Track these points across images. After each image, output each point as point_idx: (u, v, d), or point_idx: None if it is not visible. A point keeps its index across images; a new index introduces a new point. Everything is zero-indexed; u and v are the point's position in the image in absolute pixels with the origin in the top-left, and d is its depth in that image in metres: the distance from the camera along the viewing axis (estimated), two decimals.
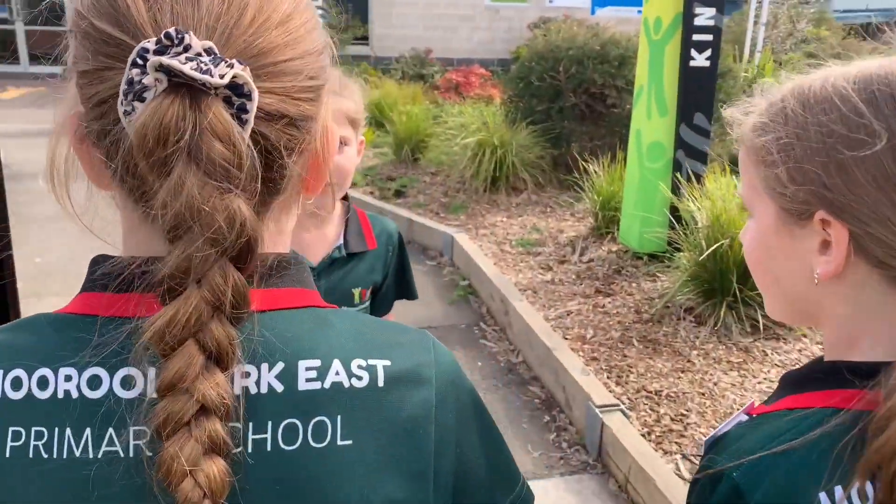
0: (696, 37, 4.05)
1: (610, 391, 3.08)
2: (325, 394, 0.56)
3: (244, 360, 0.53)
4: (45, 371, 0.53)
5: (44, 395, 0.53)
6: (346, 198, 1.56)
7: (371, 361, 0.59)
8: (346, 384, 0.57)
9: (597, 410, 2.87)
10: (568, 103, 6.01)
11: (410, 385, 0.60)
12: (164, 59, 0.48)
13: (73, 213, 0.60)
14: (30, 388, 0.53)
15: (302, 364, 0.56)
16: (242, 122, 0.51)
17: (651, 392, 3.10)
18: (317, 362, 0.57)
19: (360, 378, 0.58)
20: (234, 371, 0.52)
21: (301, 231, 1.46)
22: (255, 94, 0.51)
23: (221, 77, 0.49)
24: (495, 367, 3.62)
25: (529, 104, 6.31)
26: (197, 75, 0.48)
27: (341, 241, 1.50)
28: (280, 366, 0.56)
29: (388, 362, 0.59)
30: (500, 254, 4.79)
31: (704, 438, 0.79)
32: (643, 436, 2.79)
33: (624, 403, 3.00)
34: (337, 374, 0.57)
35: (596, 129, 6.07)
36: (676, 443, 2.79)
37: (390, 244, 1.59)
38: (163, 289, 0.50)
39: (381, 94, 8.20)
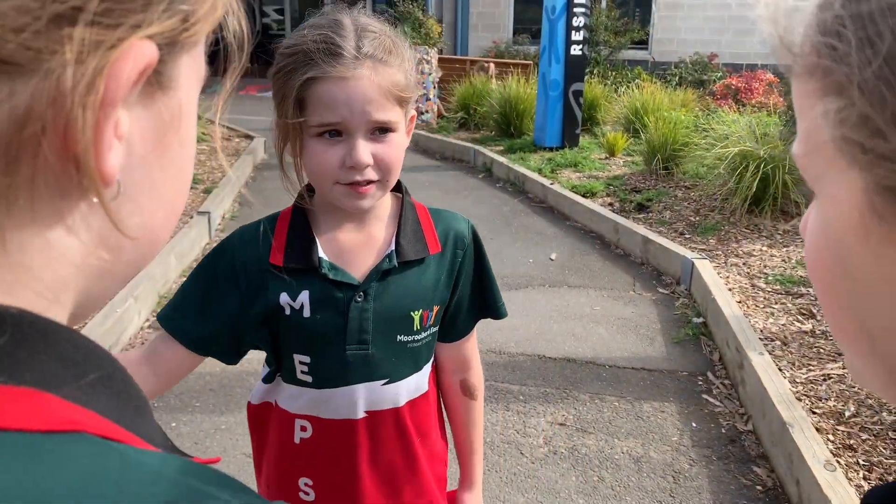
0: None
1: None
2: None
3: None
4: None
5: None
6: (399, 189, 1.15)
7: None
8: None
9: None
10: None
11: None
12: None
13: None
14: None
15: None
16: None
17: None
18: None
19: None
20: None
21: (336, 231, 1.09)
22: None
23: None
24: (715, 433, 2.89)
25: None
26: None
27: (392, 246, 1.10)
28: None
29: None
30: (749, 289, 3.96)
31: None
32: None
33: None
34: None
35: None
36: None
37: (460, 247, 1.16)
38: None
39: (642, 98, 7.50)
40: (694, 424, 2.94)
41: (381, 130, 1.00)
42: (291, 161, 1.05)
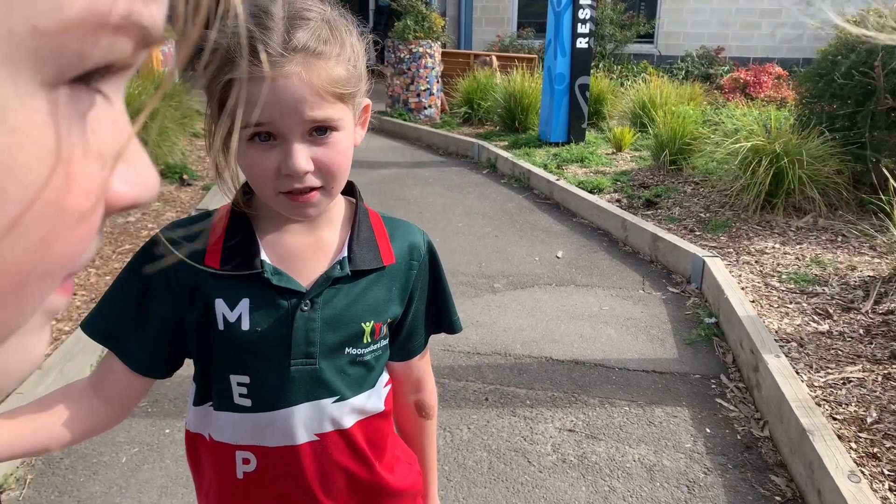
0: None
1: None
2: None
3: None
4: None
5: None
6: (353, 193, 1.05)
7: None
8: None
9: None
10: (882, 107, 4.74)
11: None
12: None
13: None
14: None
15: None
16: None
17: None
18: None
19: None
20: None
21: (281, 234, 0.98)
22: None
23: None
24: (730, 438, 2.77)
25: (829, 107, 5.12)
26: None
27: (345, 253, 0.99)
28: None
29: None
30: (762, 289, 3.83)
31: None
32: None
33: None
34: None
35: None
36: None
37: (416, 259, 1.07)
38: None
39: (649, 92, 7.36)
40: (708, 430, 2.82)
41: (321, 130, 0.87)
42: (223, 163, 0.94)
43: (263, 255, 0.96)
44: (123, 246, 4.30)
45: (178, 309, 0.96)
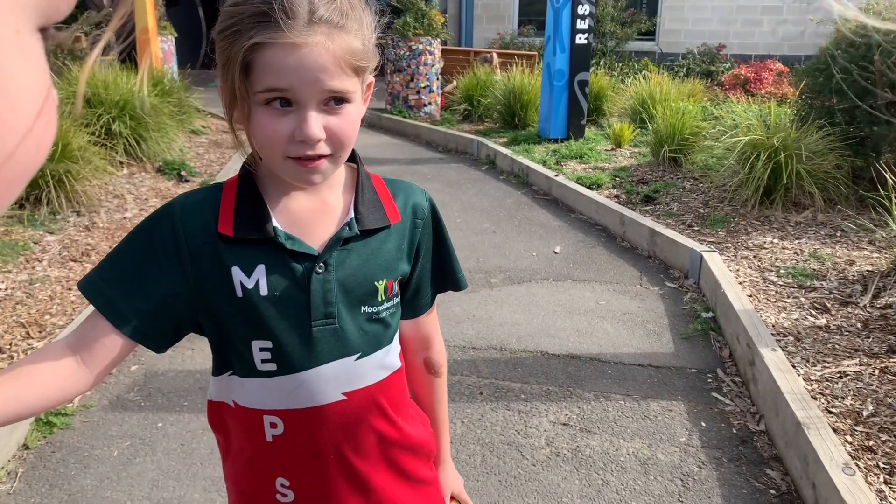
0: None
1: None
2: None
3: None
4: None
5: None
6: (354, 159, 1.07)
7: None
8: None
9: None
10: (881, 101, 4.71)
11: None
12: None
13: None
14: None
15: None
16: None
17: None
18: None
19: None
20: None
21: (288, 200, 1.00)
22: None
23: None
24: (725, 433, 2.75)
25: (829, 101, 5.09)
26: None
27: (352, 214, 1.01)
28: None
29: None
30: (760, 283, 3.82)
31: None
32: None
33: None
34: None
35: None
36: None
37: (420, 217, 1.09)
38: None
39: (649, 88, 7.34)
40: (703, 424, 2.81)
41: (336, 101, 0.91)
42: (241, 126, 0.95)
43: (275, 221, 0.98)
44: None
45: (187, 279, 0.95)
